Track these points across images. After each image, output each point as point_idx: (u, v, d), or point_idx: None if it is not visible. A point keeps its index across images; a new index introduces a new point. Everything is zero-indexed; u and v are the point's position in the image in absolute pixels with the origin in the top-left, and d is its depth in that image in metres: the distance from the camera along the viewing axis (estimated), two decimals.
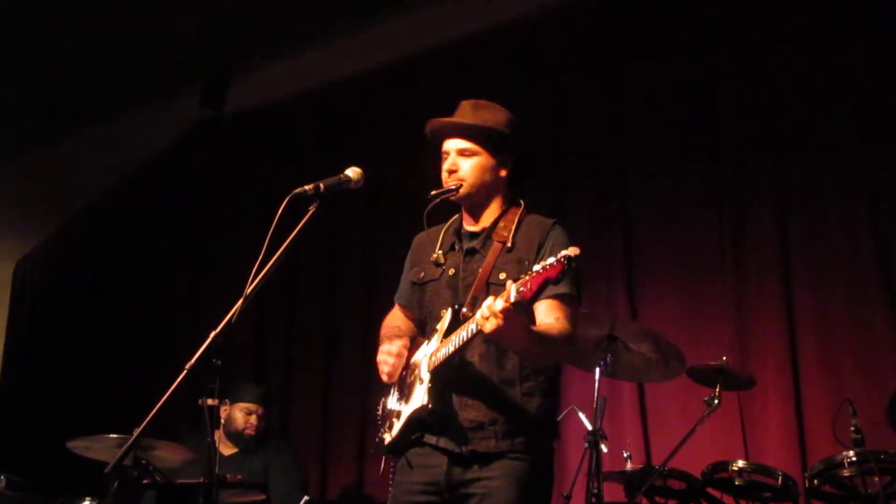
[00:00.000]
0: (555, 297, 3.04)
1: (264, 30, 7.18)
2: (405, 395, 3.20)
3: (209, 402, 2.79)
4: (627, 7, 6.08)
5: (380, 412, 3.37)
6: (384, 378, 3.27)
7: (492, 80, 6.22)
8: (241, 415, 5.68)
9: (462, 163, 3.23)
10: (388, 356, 3.26)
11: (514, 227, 3.21)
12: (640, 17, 6.02)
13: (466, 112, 3.30)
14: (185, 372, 2.69)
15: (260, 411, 5.75)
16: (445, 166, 3.26)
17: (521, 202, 3.32)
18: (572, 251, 2.67)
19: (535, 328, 2.97)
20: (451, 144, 3.26)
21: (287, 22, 7.08)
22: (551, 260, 2.67)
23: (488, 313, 2.72)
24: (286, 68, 7.55)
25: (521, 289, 2.68)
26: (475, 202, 3.27)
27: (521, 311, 2.80)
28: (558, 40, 6.32)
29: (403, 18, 6.95)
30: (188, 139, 8.10)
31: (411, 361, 3.25)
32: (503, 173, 3.28)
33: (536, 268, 2.69)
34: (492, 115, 3.28)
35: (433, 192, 3.27)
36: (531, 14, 6.44)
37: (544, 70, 6.33)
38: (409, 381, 3.21)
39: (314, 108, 7.48)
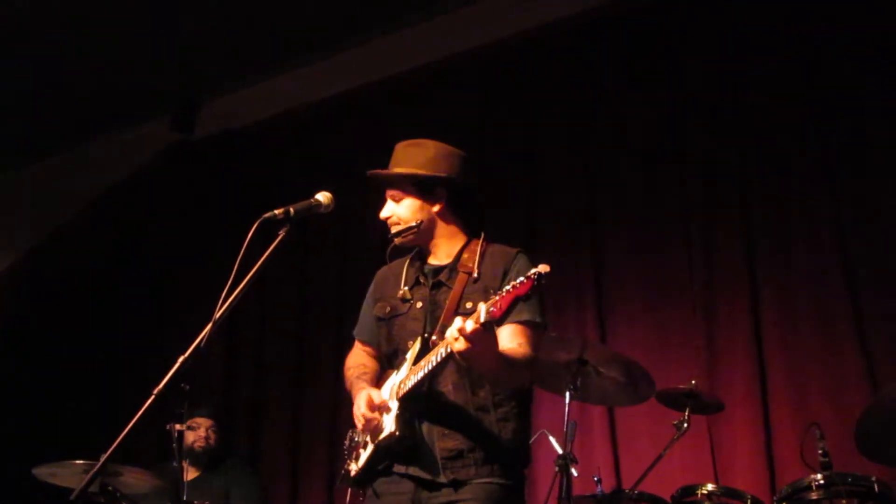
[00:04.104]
0: (519, 322, 3.07)
1: (234, 54, 7.17)
2: (373, 426, 3.16)
3: (177, 427, 2.76)
4: (598, 33, 6.13)
5: (347, 444, 3.36)
6: (360, 428, 3.20)
7: (462, 105, 6.25)
8: (188, 432, 5.60)
9: (395, 208, 3.32)
10: (366, 410, 3.13)
11: (477, 258, 3.24)
12: (610, 43, 6.08)
13: (398, 156, 3.37)
14: (152, 397, 2.66)
15: (208, 423, 5.71)
16: (382, 214, 3.35)
17: (482, 233, 3.34)
18: (542, 268, 2.68)
19: (500, 350, 2.98)
20: (386, 192, 3.35)
21: (257, 46, 7.09)
22: (521, 279, 2.68)
23: (458, 334, 2.74)
24: (256, 92, 7.55)
25: (492, 309, 2.69)
26: (424, 240, 3.33)
27: (490, 332, 2.82)
28: (529, 66, 6.37)
29: (373, 43, 6.96)
30: (157, 163, 8.05)
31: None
32: (437, 208, 3.30)
33: (506, 287, 2.70)
34: (422, 152, 3.32)
35: (393, 233, 3.32)
36: (504, 38, 6.48)
37: (515, 95, 6.36)
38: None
39: (284, 132, 7.48)
